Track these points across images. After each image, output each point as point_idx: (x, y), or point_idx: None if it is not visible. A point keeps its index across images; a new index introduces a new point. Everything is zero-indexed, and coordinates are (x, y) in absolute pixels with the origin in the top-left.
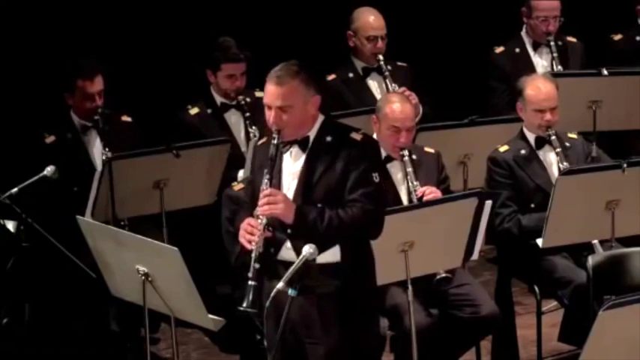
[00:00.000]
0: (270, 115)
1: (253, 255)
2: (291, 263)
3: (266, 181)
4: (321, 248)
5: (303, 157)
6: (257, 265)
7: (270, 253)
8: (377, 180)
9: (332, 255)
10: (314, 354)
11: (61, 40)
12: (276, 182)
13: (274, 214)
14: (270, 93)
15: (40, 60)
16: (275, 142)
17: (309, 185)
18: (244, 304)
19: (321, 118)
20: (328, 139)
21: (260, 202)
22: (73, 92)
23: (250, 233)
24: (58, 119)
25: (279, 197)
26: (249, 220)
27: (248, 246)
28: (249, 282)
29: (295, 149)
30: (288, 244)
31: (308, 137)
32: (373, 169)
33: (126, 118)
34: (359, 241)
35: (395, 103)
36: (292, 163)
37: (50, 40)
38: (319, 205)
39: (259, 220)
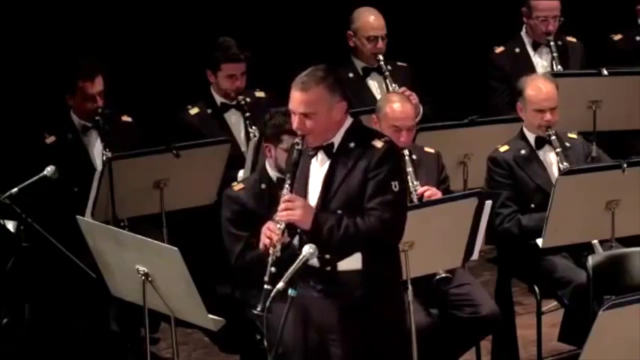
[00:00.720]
0: (294, 121)
1: (270, 259)
2: (315, 268)
3: (287, 186)
4: (340, 256)
5: (327, 163)
6: (273, 270)
7: (297, 254)
8: (396, 189)
9: (354, 262)
10: (336, 356)
11: (61, 40)
12: (302, 187)
13: (291, 220)
14: (295, 99)
15: (40, 60)
16: (298, 147)
17: (331, 191)
18: (259, 308)
19: (348, 122)
20: (351, 145)
21: (279, 207)
22: (73, 93)
23: (269, 237)
24: (58, 119)
25: (297, 203)
26: (269, 224)
27: (267, 247)
28: (265, 286)
29: (321, 155)
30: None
31: (333, 143)
32: (393, 177)
33: (126, 119)
34: (382, 249)
35: (395, 103)
36: (319, 168)
37: (51, 41)
38: (339, 212)
39: (278, 225)
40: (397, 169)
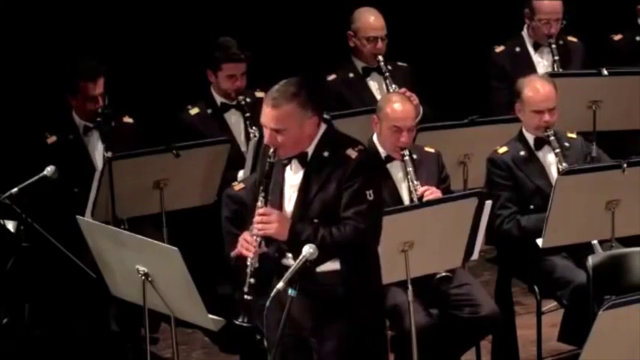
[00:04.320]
0: (265, 134)
1: (248, 271)
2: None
3: (261, 198)
4: (318, 263)
5: (301, 172)
6: (252, 281)
7: (275, 257)
8: (371, 197)
9: (332, 262)
10: (316, 354)
11: (62, 40)
12: (277, 195)
13: (268, 234)
14: (265, 114)
15: (42, 60)
16: (270, 160)
17: (307, 200)
18: (239, 320)
19: (321, 130)
20: (325, 154)
21: (255, 220)
22: (75, 94)
23: (247, 249)
24: (59, 120)
25: (272, 217)
26: (245, 235)
27: (247, 255)
28: (245, 296)
29: (295, 163)
30: (289, 254)
31: (306, 153)
32: (367, 187)
33: (127, 120)
34: (359, 253)
35: (396, 103)
36: (292, 176)
37: (52, 41)
38: (315, 221)
39: (254, 238)
40: (371, 178)
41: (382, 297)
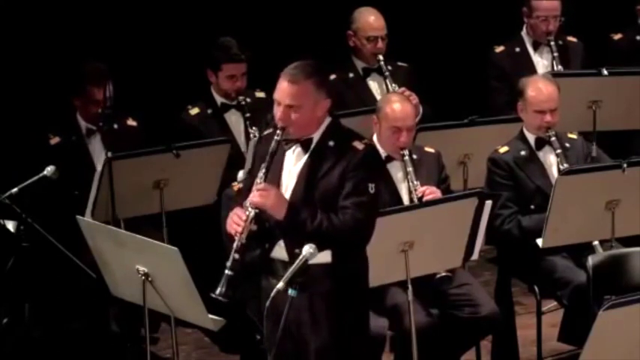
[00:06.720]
0: (278, 111)
1: (235, 245)
2: (284, 262)
3: (261, 175)
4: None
5: (304, 159)
6: (237, 256)
7: (265, 249)
8: (372, 191)
9: (324, 256)
10: (304, 352)
11: (65, 41)
12: (275, 179)
13: (264, 207)
14: (282, 90)
15: (46, 61)
16: (277, 138)
17: (307, 187)
18: (217, 292)
19: (327, 120)
20: (331, 143)
21: (252, 194)
22: (80, 95)
23: (237, 223)
24: (64, 121)
25: (271, 192)
26: (237, 210)
27: (233, 233)
28: (226, 271)
29: (298, 149)
30: (282, 242)
31: (311, 139)
32: (370, 179)
33: (131, 122)
34: (350, 247)
35: (395, 103)
36: (294, 163)
37: (55, 42)
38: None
39: (247, 212)
40: (375, 172)
41: (368, 297)
